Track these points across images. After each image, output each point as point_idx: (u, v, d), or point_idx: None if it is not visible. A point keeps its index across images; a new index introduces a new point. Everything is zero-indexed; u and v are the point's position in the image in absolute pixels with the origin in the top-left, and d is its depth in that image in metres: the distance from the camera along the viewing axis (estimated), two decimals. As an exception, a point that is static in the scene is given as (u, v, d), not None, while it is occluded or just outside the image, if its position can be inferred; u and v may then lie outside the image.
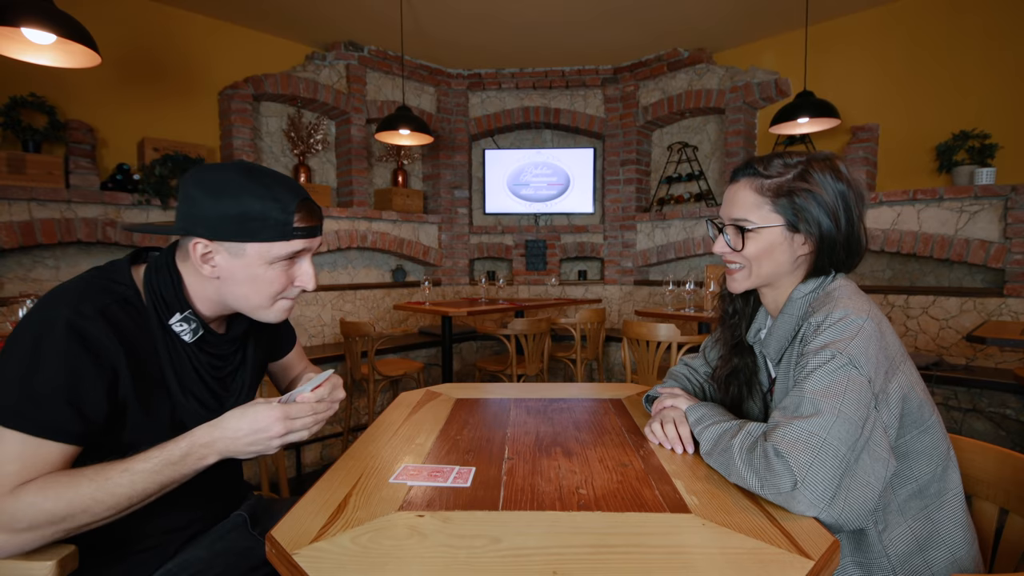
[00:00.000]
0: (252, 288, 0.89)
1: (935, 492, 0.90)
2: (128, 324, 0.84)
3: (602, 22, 3.75)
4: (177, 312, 0.89)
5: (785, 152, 0.98)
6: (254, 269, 0.87)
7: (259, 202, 0.84)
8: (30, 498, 0.72)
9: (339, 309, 4.08)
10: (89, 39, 1.93)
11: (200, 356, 0.94)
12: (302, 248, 0.90)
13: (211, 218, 0.83)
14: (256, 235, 0.84)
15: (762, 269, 0.98)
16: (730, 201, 1.00)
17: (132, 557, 0.91)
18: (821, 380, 0.81)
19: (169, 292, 0.89)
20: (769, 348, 1.01)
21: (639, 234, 4.64)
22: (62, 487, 0.73)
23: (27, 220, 2.75)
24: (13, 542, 0.71)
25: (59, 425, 0.75)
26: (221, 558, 0.97)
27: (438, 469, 0.92)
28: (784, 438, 0.77)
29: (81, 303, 0.79)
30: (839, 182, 0.93)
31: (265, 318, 0.94)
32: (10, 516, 0.71)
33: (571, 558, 0.66)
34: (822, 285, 0.96)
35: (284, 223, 0.85)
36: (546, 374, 3.59)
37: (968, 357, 3.01)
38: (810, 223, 0.92)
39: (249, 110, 3.63)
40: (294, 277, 0.92)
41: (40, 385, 0.74)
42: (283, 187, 0.87)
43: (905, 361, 0.89)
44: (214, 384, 0.97)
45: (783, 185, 0.94)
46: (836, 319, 0.85)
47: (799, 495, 0.74)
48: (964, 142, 3.13)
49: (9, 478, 0.72)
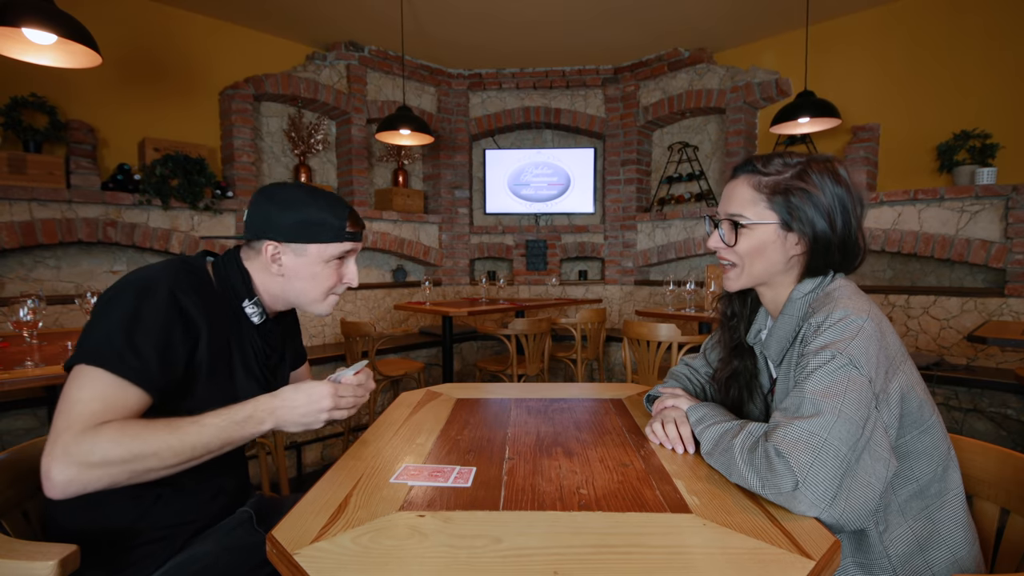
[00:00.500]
0: (312, 284, 1.06)
1: (936, 492, 0.90)
2: (213, 303, 0.98)
3: (603, 22, 3.74)
4: (246, 298, 1.05)
5: (787, 152, 0.99)
6: (314, 267, 1.05)
7: (318, 211, 1.03)
8: (111, 433, 0.77)
9: (340, 309, 4.08)
10: (90, 39, 1.93)
11: (258, 342, 1.09)
12: (351, 248, 1.09)
13: (281, 224, 1.02)
14: (316, 237, 1.03)
15: (755, 268, 0.98)
16: (727, 196, 1.00)
17: (141, 549, 0.93)
18: (822, 380, 0.81)
19: (238, 282, 1.05)
20: (770, 349, 1.00)
21: (640, 234, 4.64)
22: (139, 427, 0.80)
23: (28, 220, 2.75)
24: (83, 477, 0.75)
25: (149, 374, 0.84)
26: (228, 553, 0.98)
27: (439, 469, 0.92)
28: (785, 438, 0.77)
29: (179, 278, 0.93)
30: (838, 185, 0.92)
31: (317, 311, 1.11)
32: (88, 450, 0.76)
33: (572, 558, 0.66)
34: (821, 285, 0.96)
35: (339, 228, 1.05)
36: (547, 374, 3.59)
37: (969, 357, 3.01)
38: (804, 223, 0.92)
39: (250, 110, 3.63)
40: (343, 275, 1.11)
41: (140, 336, 0.84)
42: (335, 200, 1.07)
43: (905, 361, 0.89)
44: (265, 372, 1.11)
45: (780, 183, 0.94)
46: (836, 319, 0.85)
47: (800, 495, 0.74)
48: (965, 142, 3.12)
49: (94, 416, 0.79)
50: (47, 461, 0.75)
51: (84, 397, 0.79)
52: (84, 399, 0.79)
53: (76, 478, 0.75)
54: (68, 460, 0.74)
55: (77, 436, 0.76)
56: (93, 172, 2.96)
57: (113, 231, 3.01)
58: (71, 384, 0.81)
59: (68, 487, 0.75)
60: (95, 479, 0.76)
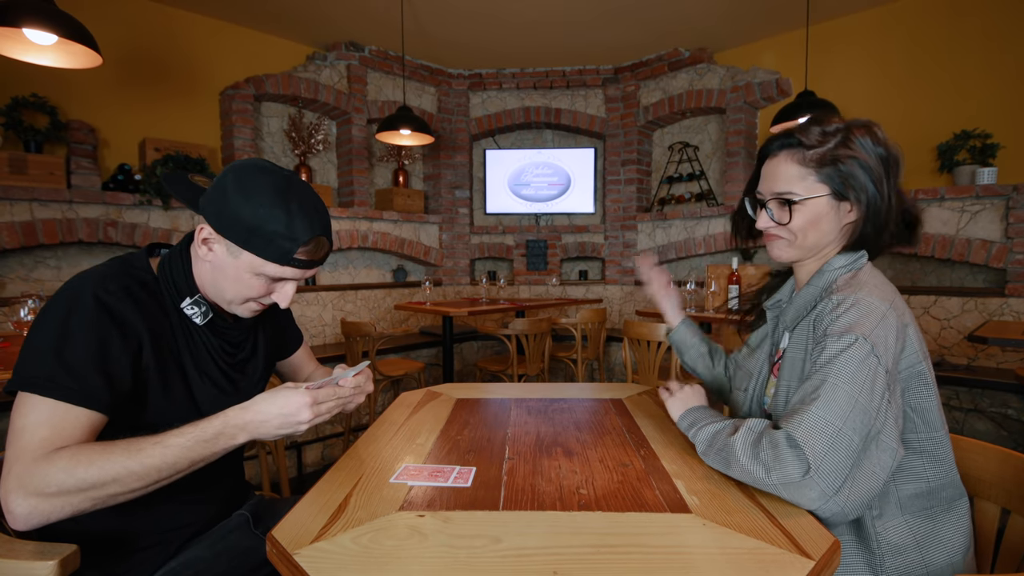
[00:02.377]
0: (232, 285, 0.92)
1: (947, 497, 0.90)
2: (149, 304, 0.89)
3: (603, 22, 3.74)
4: (187, 296, 0.95)
5: (822, 118, 0.97)
6: (241, 272, 0.90)
7: (274, 225, 0.86)
8: (63, 463, 0.73)
9: (340, 309, 4.08)
10: (90, 40, 1.94)
11: (213, 340, 0.99)
12: (291, 276, 0.93)
13: (226, 213, 0.87)
14: (255, 249, 0.87)
15: (807, 240, 0.96)
16: (771, 175, 0.98)
17: (136, 555, 0.92)
18: (842, 367, 0.79)
19: (180, 277, 0.94)
20: (787, 315, 1.01)
21: (640, 234, 4.64)
22: (95, 454, 0.75)
23: (29, 220, 2.75)
24: (42, 507, 0.72)
25: (89, 392, 0.79)
26: (224, 557, 0.97)
27: (439, 469, 0.92)
28: (801, 425, 0.77)
29: (106, 282, 0.85)
30: (878, 146, 0.92)
31: (232, 311, 0.98)
32: (41, 479, 0.72)
33: (571, 558, 0.66)
34: (855, 263, 0.95)
35: (286, 252, 0.88)
36: (547, 374, 3.59)
37: (970, 357, 3.01)
38: (857, 190, 0.91)
39: (250, 110, 3.63)
40: (273, 290, 0.95)
41: (71, 355, 0.78)
42: (305, 220, 0.88)
43: (925, 359, 0.90)
44: (229, 369, 1.01)
45: (826, 154, 0.92)
46: (859, 300, 0.85)
47: (811, 483, 0.73)
48: (965, 142, 3.12)
49: (44, 442, 0.74)
50: (3, 494, 0.72)
51: (29, 424, 0.75)
52: (29, 427, 0.75)
53: (35, 509, 0.72)
54: (24, 492, 0.71)
55: (28, 466, 0.72)
56: (94, 172, 2.96)
57: (114, 231, 3.01)
58: (15, 412, 0.77)
59: (29, 519, 0.72)
60: (56, 509, 0.73)
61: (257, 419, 0.83)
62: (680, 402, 1.05)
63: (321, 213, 0.92)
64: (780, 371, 0.99)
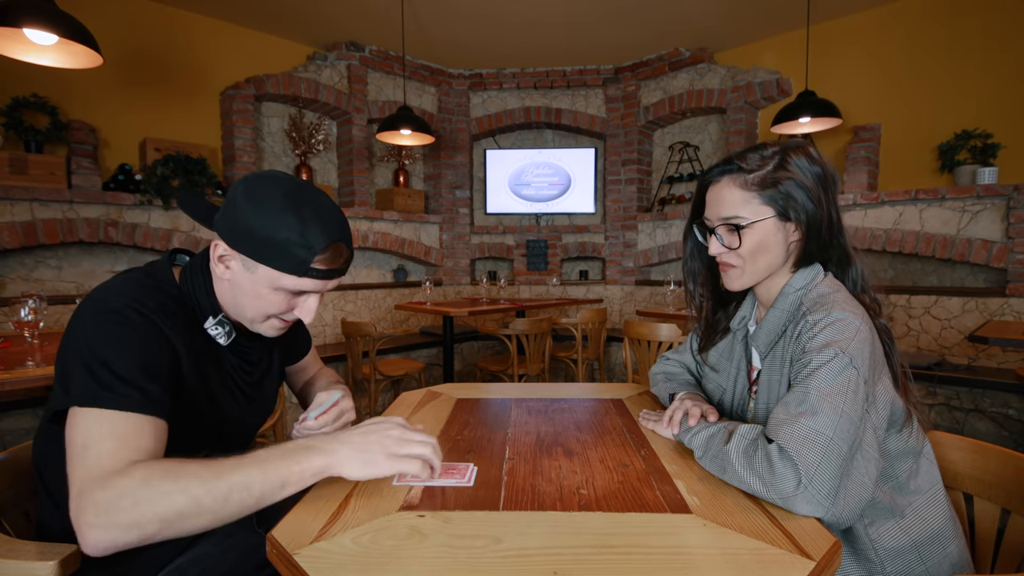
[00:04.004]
0: (252, 302, 0.89)
1: (915, 489, 0.92)
2: (181, 320, 0.87)
3: (604, 22, 3.74)
4: (211, 316, 0.92)
5: (758, 144, 1.00)
6: (259, 288, 0.87)
7: (286, 232, 0.82)
8: (139, 474, 0.68)
9: (340, 309, 4.08)
10: (91, 40, 1.94)
11: (233, 359, 0.98)
12: (311, 289, 0.89)
13: (238, 227, 0.84)
14: (270, 261, 0.84)
15: (758, 264, 0.98)
16: (716, 201, 0.99)
17: (143, 552, 0.92)
18: (826, 379, 0.81)
19: (203, 296, 0.92)
20: (758, 341, 1.01)
21: (640, 234, 4.64)
22: (172, 463, 0.71)
23: (29, 220, 2.76)
24: (122, 539, 0.66)
25: (149, 398, 0.76)
26: (230, 554, 0.97)
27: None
28: (792, 436, 0.78)
29: (142, 298, 0.83)
30: (814, 165, 0.95)
31: (255, 329, 0.95)
32: (117, 499, 0.66)
33: (572, 558, 0.66)
34: (813, 281, 0.97)
35: (303, 261, 0.84)
36: (547, 374, 3.59)
37: (970, 357, 3.00)
38: (798, 209, 0.94)
39: (251, 110, 3.64)
40: (295, 306, 0.92)
41: (122, 366, 0.76)
42: (319, 225, 0.85)
43: (885, 366, 0.92)
44: (247, 388, 1.00)
45: (766, 176, 0.95)
46: (835, 319, 0.87)
47: (805, 494, 0.74)
48: (966, 142, 3.12)
49: (112, 455, 0.70)
50: (77, 514, 0.66)
51: (93, 439, 0.71)
52: (93, 441, 0.71)
53: (108, 533, 0.66)
54: (97, 512, 0.66)
55: (103, 482, 0.67)
56: (94, 172, 2.97)
57: (114, 231, 3.01)
58: (72, 429, 0.73)
59: (98, 545, 0.66)
60: (126, 534, 0.67)
61: (350, 438, 0.79)
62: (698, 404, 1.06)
63: (338, 218, 0.88)
64: (758, 394, 1.01)
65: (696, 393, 1.15)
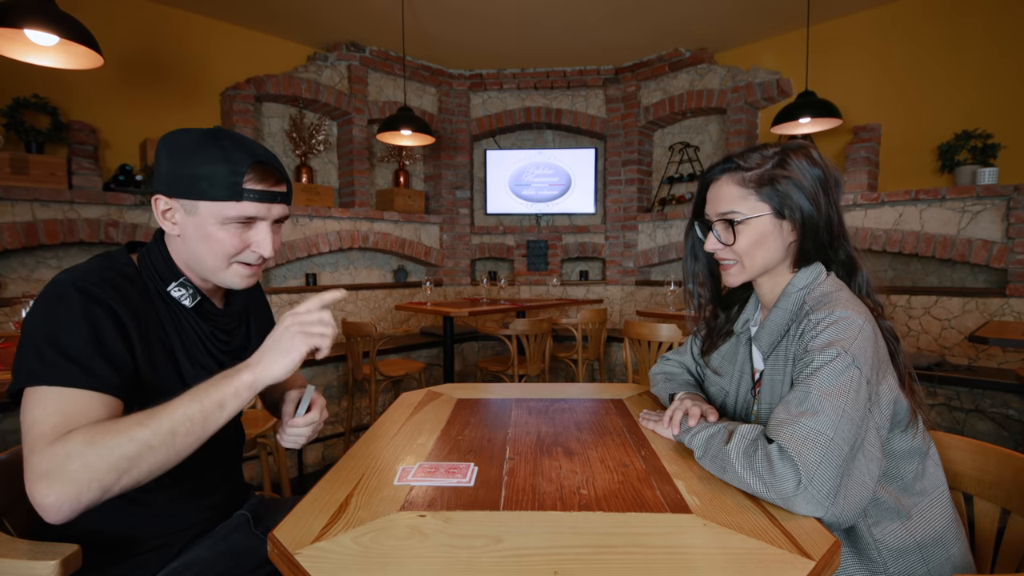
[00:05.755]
0: (206, 248, 0.90)
1: (920, 490, 0.92)
2: (132, 293, 0.88)
3: (604, 22, 3.74)
4: (172, 280, 0.94)
5: (760, 144, 1.01)
6: (207, 228, 0.89)
7: (210, 162, 0.86)
8: (79, 437, 0.70)
9: (341, 309, 4.08)
10: (92, 40, 1.94)
11: (203, 326, 0.98)
12: (255, 214, 0.90)
13: (168, 175, 0.88)
14: (205, 194, 0.86)
15: (755, 261, 0.99)
16: (714, 198, 1.01)
17: (135, 558, 0.92)
18: (827, 379, 0.82)
19: (160, 263, 0.94)
20: (761, 341, 1.02)
21: (640, 234, 4.64)
22: (110, 423, 0.73)
23: (30, 221, 2.76)
24: (69, 491, 0.68)
25: (94, 374, 0.77)
26: (224, 558, 0.97)
27: (439, 468, 0.92)
28: (793, 436, 0.78)
29: (87, 275, 0.84)
30: (815, 167, 0.96)
31: (224, 282, 0.95)
32: (62, 460, 0.69)
33: (572, 558, 0.66)
34: (816, 281, 0.97)
35: (233, 184, 0.86)
36: (547, 374, 3.59)
37: (970, 357, 3.00)
38: (793, 208, 0.95)
39: (251, 111, 3.64)
40: (249, 242, 0.92)
41: (67, 343, 0.77)
42: (241, 150, 0.88)
43: (889, 366, 0.92)
44: (223, 357, 1.00)
45: (764, 174, 0.96)
46: (838, 318, 0.87)
47: (805, 495, 0.74)
48: (966, 142, 3.12)
49: (55, 428, 0.72)
50: (29, 489, 0.69)
51: (39, 416, 0.74)
52: (39, 418, 0.73)
53: (63, 494, 0.68)
54: (46, 480, 0.68)
55: (45, 452, 0.70)
56: (95, 173, 2.97)
57: (115, 231, 3.01)
58: (23, 410, 0.75)
59: (61, 508, 0.69)
60: (84, 489, 0.69)
61: (259, 351, 0.82)
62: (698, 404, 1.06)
63: (260, 147, 0.91)
64: (760, 394, 1.01)
65: (696, 393, 1.15)
